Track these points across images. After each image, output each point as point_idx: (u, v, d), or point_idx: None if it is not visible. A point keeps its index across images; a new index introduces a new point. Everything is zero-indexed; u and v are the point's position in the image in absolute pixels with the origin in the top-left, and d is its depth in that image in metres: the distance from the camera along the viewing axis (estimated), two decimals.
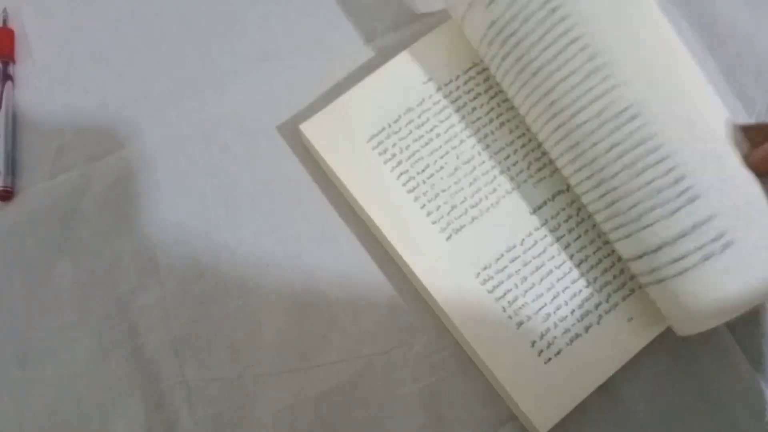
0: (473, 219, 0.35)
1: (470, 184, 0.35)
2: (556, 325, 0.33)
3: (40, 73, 0.38)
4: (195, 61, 0.39)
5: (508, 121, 0.36)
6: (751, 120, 0.39)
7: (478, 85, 0.37)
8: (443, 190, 0.35)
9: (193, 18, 0.39)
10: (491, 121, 0.36)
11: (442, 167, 0.35)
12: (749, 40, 0.40)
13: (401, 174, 0.35)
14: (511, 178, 0.36)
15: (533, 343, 0.33)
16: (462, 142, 0.36)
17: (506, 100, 0.37)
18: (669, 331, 0.33)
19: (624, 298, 0.34)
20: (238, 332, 0.35)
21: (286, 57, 0.39)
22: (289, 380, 0.34)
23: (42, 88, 0.38)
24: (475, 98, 0.37)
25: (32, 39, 0.39)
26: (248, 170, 0.37)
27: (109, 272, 0.35)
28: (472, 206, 0.35)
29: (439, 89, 0.37)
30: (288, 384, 0.34)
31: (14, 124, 0.37)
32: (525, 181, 0.35)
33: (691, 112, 0.29)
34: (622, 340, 0.33)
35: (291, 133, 0.38)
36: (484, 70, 0.37)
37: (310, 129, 0.36)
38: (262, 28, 0.39)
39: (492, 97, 0.37)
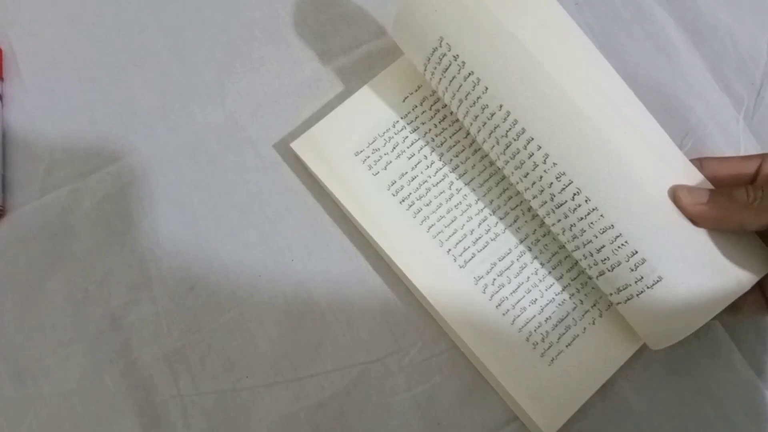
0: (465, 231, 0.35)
1: (459, 191, 0.36)
2: (554, 327, 0.33)
3: (28, 91, 0.38)
4: (180, 76, 0.39)
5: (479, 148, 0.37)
6: (738, 115, 0.39)
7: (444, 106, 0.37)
8: (431, 201, 0.35)
9: (177, 34, 0.40)
10: (467, 137, 0.37)
11: (427, 179, 0.36)
12: (731, 36, 0.40)
13: (391, 185, 0.35)
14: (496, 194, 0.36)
15: (534, 345, 0.33)
16: (442, 155, 0.36)
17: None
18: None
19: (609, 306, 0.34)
20: (232, 344, 0.34)
21: (272, 67, 0.39)
22: (283, 390, 0.34)
23: (30, 106, 0.38)
24: (444, 118, 0.37)
25: (20, 58, 0.39)
26: (237, 182, 0.37)
27: (101, 288, 0.35)
28: (462, 214, 0.35)
29: (415, 107, 0.37)
30: (283, 394, 0.34)
31: (3, 142, 0.37)
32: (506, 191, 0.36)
33: (629, 186, 0.29)
34: (619, 339, 0.33)
35: (279, 143, 0.38)
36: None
37: (300, 146, 0.36)
38: (248, 39, 0.40)
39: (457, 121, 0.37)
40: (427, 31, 0.31)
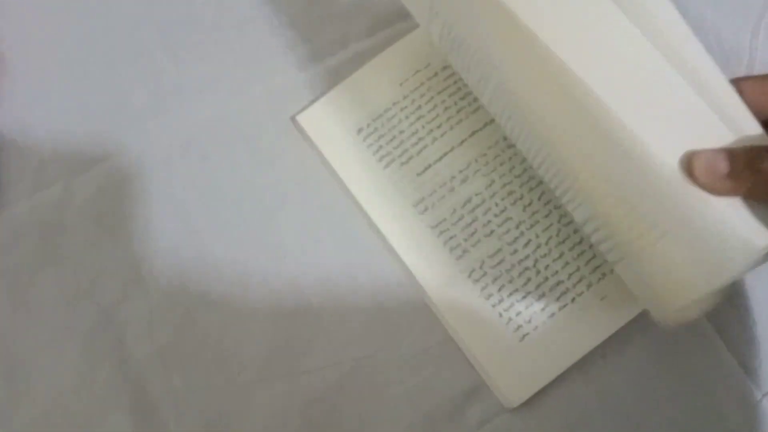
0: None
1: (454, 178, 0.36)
2: (532, 304, 0.34)
3: (18, 88, 0.38)
4: (173, 72, 0.39)
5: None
6: None
7: (451, 85, 0.38)
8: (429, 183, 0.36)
9: (169, 29, 0.39)
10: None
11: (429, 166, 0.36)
12: (715, 32, 0.41)
13: (390, 163, 0.36)
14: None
15: (508, 321, 0.34)
16: (443, 135, 0.37)
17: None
18: (650, 319, 0.33)
19: (598, 280, 0.35)
20: (225, 340, 0.35)
21: (264, 64, 0.39)
22: (277, 386, 0.34)
23: (21, 103, 0.38)
24: (450, 96, 0.37)
25: (9, 54, 0.39)
26: (229, 179, 0.37)
27: (93, 285, 0.35)
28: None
29: (415, 89, 0.37)
30: (276, 390, 0.34)
31: None
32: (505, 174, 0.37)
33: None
34: (597, 320, 0.34)
35: (272, 141, 0.38)
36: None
37: (306, 120, 0.37)
38: (240, 35, 0.40)
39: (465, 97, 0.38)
40: None
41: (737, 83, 0.28)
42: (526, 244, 0.35)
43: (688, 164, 0.27)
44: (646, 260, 0.29)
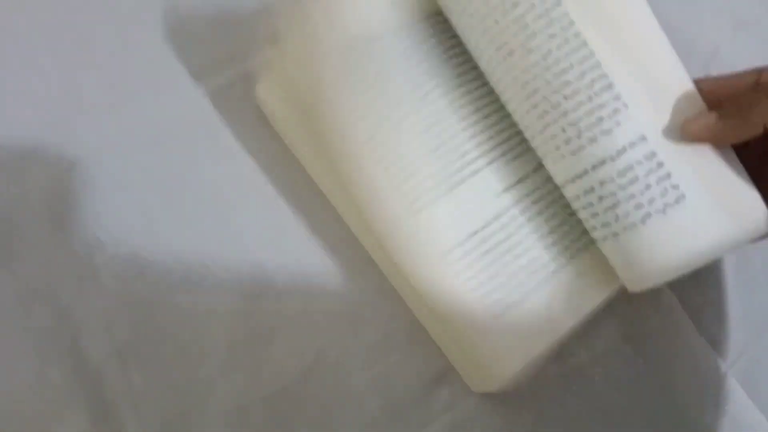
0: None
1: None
2: (508, 282, 0.32)
3: None
4: (130, 65, 0.38)
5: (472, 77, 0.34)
6: None
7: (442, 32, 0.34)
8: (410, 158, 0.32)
9: (126, 22, 0.39)
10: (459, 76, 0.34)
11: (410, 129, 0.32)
12: (691, 41, 0.41)
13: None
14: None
15: (486, 300, 0.31)
16: (428, 95, 0.33)
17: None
18: (621, 303, 0.33)
19: (574, 256, 0.32)
20: (184, 334, 0.34)
21: (222, 53, 0.39)
22: (238, 379, 0.33)
23: None
24: (440, 46, 0.33)
25: None
26: (188, 170, 0.36)
27: (48, 283, 0.34)
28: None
29: (401, 29, 0.33)
30: (238, 383, 0.33)
31: None
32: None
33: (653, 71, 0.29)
34: (575, 298, 0.32)
35: (232, 130, 0.37)
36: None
37: (265, 90, 0.35)
38: (195, 25, 0.39)
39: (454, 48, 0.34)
40: None
41: (697, 83, 0.30)
42: (502, 217, 0.33)
43: (683, 129, 0.28)
44: (648, 233, 0.28)
